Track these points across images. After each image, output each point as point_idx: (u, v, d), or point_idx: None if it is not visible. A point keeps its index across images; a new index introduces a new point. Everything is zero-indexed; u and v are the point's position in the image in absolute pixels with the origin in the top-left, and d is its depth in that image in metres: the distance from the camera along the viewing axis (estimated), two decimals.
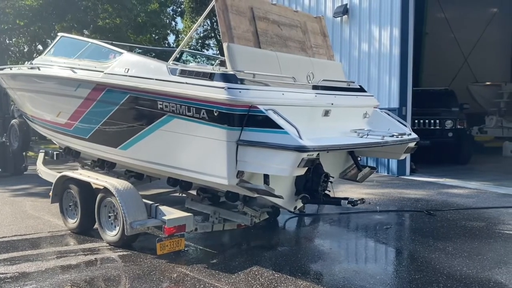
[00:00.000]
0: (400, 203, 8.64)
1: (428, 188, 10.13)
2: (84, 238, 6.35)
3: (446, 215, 7.61)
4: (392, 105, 12.01)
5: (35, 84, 7.38)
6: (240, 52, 5.05)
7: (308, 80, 5.62)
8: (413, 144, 5.97)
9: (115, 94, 5.79)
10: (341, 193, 9.55)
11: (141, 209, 5.72)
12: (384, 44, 12.20)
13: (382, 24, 12.23)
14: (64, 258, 5.52)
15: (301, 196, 5.52)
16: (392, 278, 4.95)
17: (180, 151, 5.25)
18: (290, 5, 14.90)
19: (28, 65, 7.69)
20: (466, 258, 5.39)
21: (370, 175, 6.43)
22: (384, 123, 6.12)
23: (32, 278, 4.86)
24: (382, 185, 10.70)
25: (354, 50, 13.15)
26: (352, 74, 13.14)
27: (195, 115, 4.87)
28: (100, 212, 6.13)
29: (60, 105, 6.90)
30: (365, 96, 6.36)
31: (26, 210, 8.23)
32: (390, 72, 12.02)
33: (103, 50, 6.38)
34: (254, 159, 4.59)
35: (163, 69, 5.25)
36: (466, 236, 6.37)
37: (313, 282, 4.67)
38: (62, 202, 6.87)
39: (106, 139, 6.24)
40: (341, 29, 13.55)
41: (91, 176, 6.42)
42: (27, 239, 6.43)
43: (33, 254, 5.68)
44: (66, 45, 7.19)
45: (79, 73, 6.35)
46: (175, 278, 4.81)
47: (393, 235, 6.66)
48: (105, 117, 6.09)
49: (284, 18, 6.02)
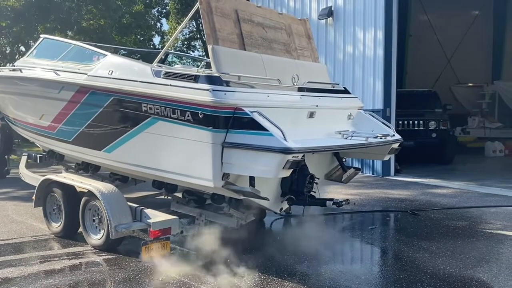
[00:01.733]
0: (385, 203, 8.73)
1: (412, 188, 10.25)
2: (68, 242, 6.28)
3: (430, 215, 7.72)
4: (376, 106, 12.13)
5: (17, 87, 7.27)
6: (225, 54, 5.05)
7: (293, 82, 5.64)
8: (396, 145, 6.04)
9: (99, 96, 5.74)
10: (327, 194, 9.61)
11: (126, 212, 5.68)
12: (368, 46, 12.32)
13: (366, 26, 12.35)
14: (47, 263, 5.45)
15: (286, 198, 5.54)
16: (377, 278, 5.01)
17: (165, 154, 5.22)
18: (275, 7, 14.96)
19: (10, 67, 7.57)
20: (449, 257, 5.48)
21: (355, 176, 6.48)
22: (368, 124, 6.18)
23: (14, 283, 4.78)
24: (367, 185, 10.79)
25: (339, 52, 13.25)
26: (337, 76, 13.23)
27: (179, 117, 4.85)
28: (84, 216, 6.07)
29: (43, 107, 6.81)
30: (349, 98, 6.41)
31: (8, 215, 8.10)
32: (375, 74, 12.14)
33: (86, 52, 6.32)
34: (240, 161, 4.59)
35: (147, 71, 5.22)
36: (449, 235, 6.47)
37: (299, 283, 4.70)
38: (46, 206, 6.78)
39: (90, 141, 6.17)
40: (326, 31, 13.64)
41: (75, 179, 6.34)
42: (10, 243, 6.32)
43: (16, 259, 5.59)
44: (48, 47, 7.10)
45: (62, 75, 6.27)
46: (160, 281, 4.79)
47: (378, 235, 6.73)
48: (89, 119, 6.03)
49: (268, 21, 6.04)
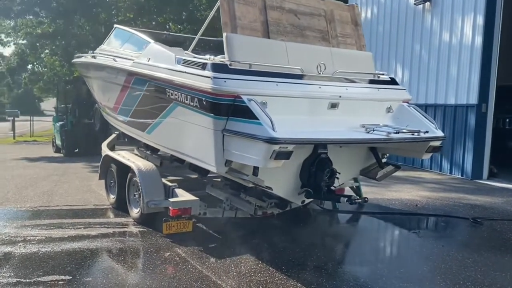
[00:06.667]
0: (452, 208, 7.88)
1: (498, 195, 9.06)
2: (119, 213, 6.93)
3: (496, 225, 6.79)
4: (470, 101, 10.89)
5: (93, 72, 8.19)
6: (240, 42, 5.06)
7: (318, 71, 5.42)
8: (437, 143, 5.44)
9: (140, 81, 6.21)
10: (395, 193, 9.04)
11: (159, 190, 6.08)
12: (465, 34, 11.04)
13: (466, 11, 11.07)
14: (90, 228, 6.11)
15: (303, 190, 5.40)
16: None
17: (182, 138, 5.48)
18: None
19: (91, 54, 8.52)
20: (480, 271, 4.81)
21: (392, 174, 6.00)
22: (407, 118, 5.67)
23: (51, 242, 5.50)
24: (447, 188, 9.83)
25: (435, 39, 12.08)
26: (431, 65, 12.16)
27: (191, 103, 5.03)
28: (129, 190, 6.66)
29: (108, 90, 7.57)
30: (391, 90, 5.93)
31: (90, 185, 9.21)
32: (471, 65, 10.86)
33: (139, 40, 6.83)
34: (237, 149, 4.62)
35: (172, 58, 5.49)
36: (501, 249, 5.65)
37: (291, 277, 4.59)
38: (106, 179, 7.58)
39: (137, 123, 6.71)
40: (422, 17, 12.57)
41: (125, 156, 6.95)
42: (72, 209, 7.23)
43: (67, 223, 6.39)
44: (118, 36, 7.82)
45: (118, 62, 6.89)
46: (165, 257, 5.07)
47: (418, 239, 6.16)
48: (136, 102, 6.55)
49: (303, 7, 5.85)
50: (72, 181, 9.70)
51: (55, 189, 8.79)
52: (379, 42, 14.44)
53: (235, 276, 4.53)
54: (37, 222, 6.38)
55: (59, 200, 7.83)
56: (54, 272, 4.54)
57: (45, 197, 8.06)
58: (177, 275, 4.53)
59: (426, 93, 12.38)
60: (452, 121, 11.48)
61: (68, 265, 4.74)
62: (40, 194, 8.31)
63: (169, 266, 4.81)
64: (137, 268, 4.83)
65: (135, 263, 4.97)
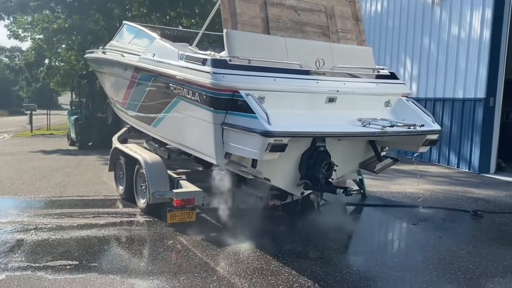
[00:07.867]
0: (455, 201, 7.96)
1: (503, 189, 9.09)
2: (127, 203, 7.20)
3: (496, 218, 6.87)
4: (478, 95, 10.87)
5: (103, 67, 8.44)
6: (240, 38, 5.23)
7: (317, 66, 5.56)
8: (434, 136, 5.54)
9: (146, 76, 6.43)
10: (399, 186, 9.14)
11: (164, 182, 6.30)
12: (474, 27, 11.00)
13: (474, 4, 11.02)
14: (98, 218, 6.39)
15: (302, 182, 5.57)
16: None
17: (185, 131, 5.69)
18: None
19: (101, 49, 8.77)
20: (474, 262, 4.92)
21: (390, 166, 6.12)
22: (405, 112, 5.78)
23: (61, 230, 5.78)
24: (452, 181, 9.88)
25: (444, 33, 12.05)
26: (440, 59, 12.14)
27: (192, 97, 5.23)
28: (136, 181, 6.91)
29: (117, 85, 7.82)
30: (390, 84, 6.04)
31: (101, 177, 9.51)
32: (479, 59, 10.83)
33: (146, 36, 7.03)
34: (236, 142, 4.80)
35: (175, 54, 5.69)
36: (497, 241, 5.75)
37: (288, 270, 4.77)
38: (116, 171, 7.86)
39: (144, 117, 6.95)
40: (431, 10, 12.53)
41: (132, 149, 7.20)
42: (83, 199, 7.54)
43: (77, 212, 6.68)
44: (127, 32, 8.03)
45: (126, 57, 7.12)
46: (168, 245, 5.31)
47: (416, 230, 6.28)
48: (142, 97, 6.78)
49: (304, 3, 5.98)
50: (84, 173, 10.03)
51: (67, 181, 9.11)
52: (388, 36, 14.44)
53: (233, 263, 4.74)
54: (49, 212, 6.68)
55: (71, 191, 8.14)
56: (62, 257, 4.80)
57: (58, 188, 8.38)
58: (178, 262, 4.76)
59: (435, 87, 12.38)
60: (460, 115, 11.48)
61: (76, 251, 5.01)
62: (54, 185, 8.64)
63: (171, 253, 5.04)
64: (140, 255, 5.08)
65: (139, 250, 5.22)
